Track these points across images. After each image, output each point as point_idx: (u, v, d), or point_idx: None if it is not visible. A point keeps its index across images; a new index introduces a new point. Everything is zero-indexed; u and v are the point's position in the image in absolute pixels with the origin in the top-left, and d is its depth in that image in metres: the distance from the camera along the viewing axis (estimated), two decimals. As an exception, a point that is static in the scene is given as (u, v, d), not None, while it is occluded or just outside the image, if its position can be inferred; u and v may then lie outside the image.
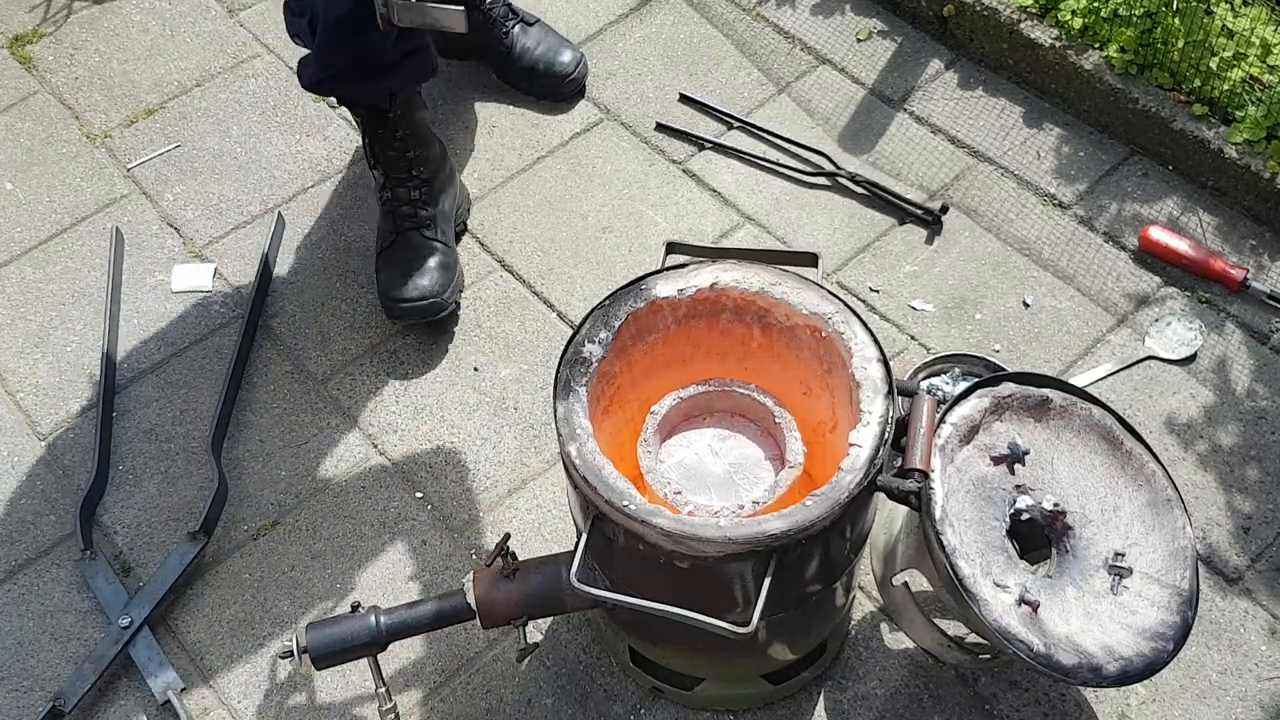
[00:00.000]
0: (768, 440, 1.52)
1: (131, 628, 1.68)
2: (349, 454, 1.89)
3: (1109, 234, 2.10)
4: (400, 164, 1.96)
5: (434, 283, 1.94)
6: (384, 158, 1.96)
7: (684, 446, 1.52)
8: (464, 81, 2.36)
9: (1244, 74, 2.09)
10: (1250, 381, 1.91)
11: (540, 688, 1.65)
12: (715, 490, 1.47)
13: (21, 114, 2.37)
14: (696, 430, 1.53)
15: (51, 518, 1.84)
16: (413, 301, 1.92)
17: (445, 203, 2.03)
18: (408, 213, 1.97)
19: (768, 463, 1.50)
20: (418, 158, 1.96)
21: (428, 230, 1.98)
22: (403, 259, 1.96)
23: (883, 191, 2.15)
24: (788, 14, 2.46)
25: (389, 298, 1.94)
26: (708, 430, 1.53)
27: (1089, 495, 1.48)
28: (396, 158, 1.95)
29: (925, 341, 1.98)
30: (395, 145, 1.95)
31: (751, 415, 1.53)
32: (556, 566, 1.46)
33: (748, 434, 1.53)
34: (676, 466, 1.49)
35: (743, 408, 1.53)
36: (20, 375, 2.00)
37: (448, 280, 1.96)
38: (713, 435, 1.53)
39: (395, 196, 1.97)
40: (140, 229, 2.18)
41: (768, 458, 1.50)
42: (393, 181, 1.97)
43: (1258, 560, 1.73)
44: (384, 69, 1.89)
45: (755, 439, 1.52)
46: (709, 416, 1.54)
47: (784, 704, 1.63)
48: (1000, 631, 1.37)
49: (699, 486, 1.47)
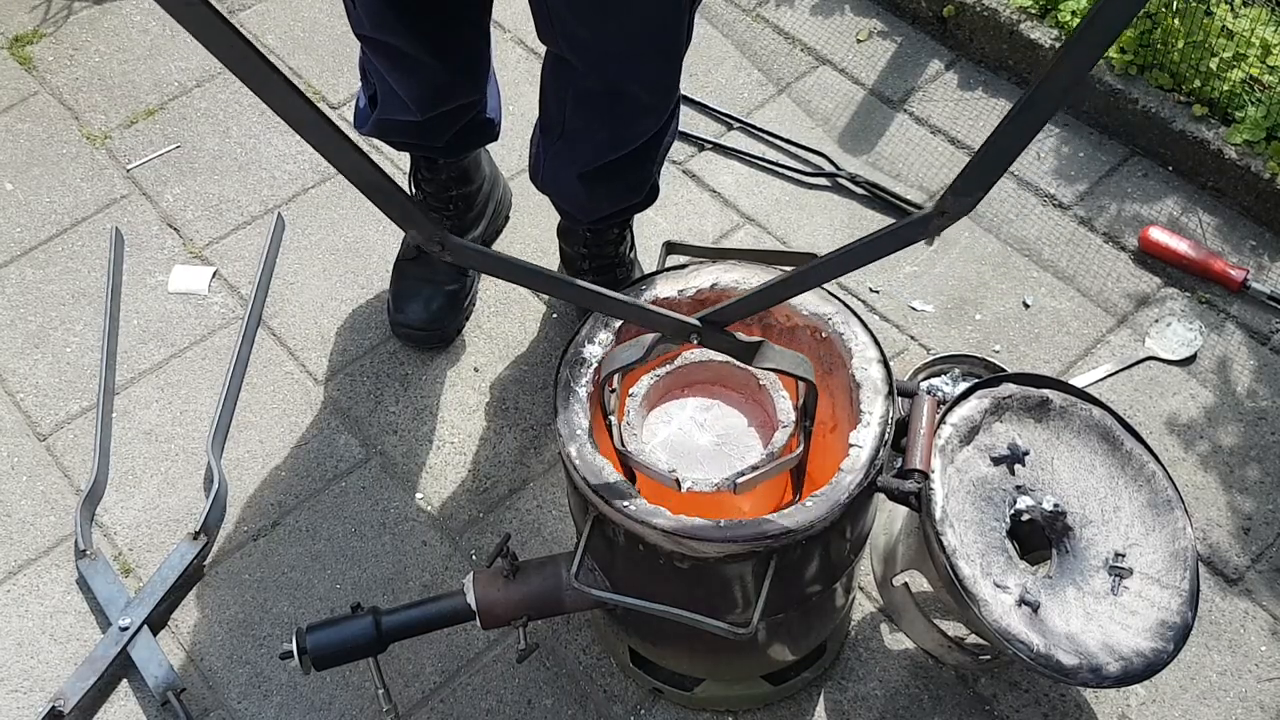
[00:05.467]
0: (753, 407, 1.44)
1: (131, 628, 1.68)
2: (349, 454, 1.89)
3: (1109, 234, 2.10)
4: (440, 195, 1.96)
5: (441, 312, 1.96)
6: (425, 185, 1.96)
7: (665, 423, 1.43)
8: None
9: (1244, 75, 2.09)
10: (1250, 382, 1.91)
11: (540, 688, 1.65)
12: (706, 464, 1.38)
13: (21, 114, 2.37)
14: (676, 404, 1.45)
15: (51, 518, 1.84)
16: (413, 328, 1.96)
17: (476, 231, 2.03)
18: None
19: (755, 430, 1.42)
20: (460, 194, 1.97)
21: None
22: (418, 277, 1.97)
23: (883, 192, 2.15)
24: (787, 14, 2.46)
25: (395, 317, 1.98)
26: (688, 402, 1.45)
27: (1089, 496, 1.48)
28: (437, 190, 1.95)
29: (925, 342, 1.98)
30: (439, 180, 1.95)
31: (732, 383, 1.45)
32: (556, 567, 1.46)
33: (730, 402, 1.45)
34: (663, 445, 1.40)
35: (722, 376, 1.45)
36: (20, 375, 2.00)
37: (455, 311, 1.98)
38: (695, 407, 1.44)
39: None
40: (140, 229, 2.18)
41: (754, 424, 1.42)
42: (429, 205, 1.97)
43: (1258, 561, 1.73)
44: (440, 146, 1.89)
45: (740, 406, 1.44)
46: (689, 388, 1.46)
47: (784, 704, 1.63)
48: (1000, 632, 1.37)
49: (689, 463, 1.38)
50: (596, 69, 1.57)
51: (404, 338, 1.99)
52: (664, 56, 1.58)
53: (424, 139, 1.83)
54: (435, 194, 1.95)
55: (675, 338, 1.24)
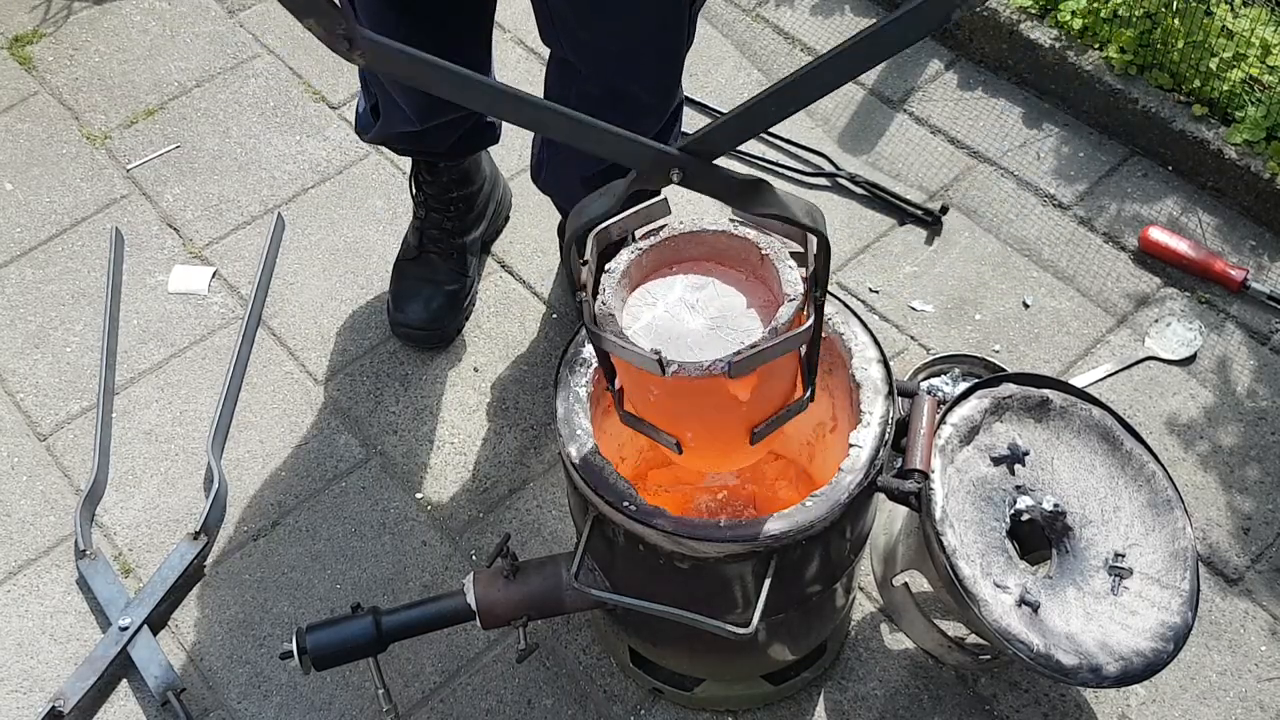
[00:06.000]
0: (754, 285, 1.20)
1: (131, 628, 1.68)
2: (349, 454, 1.89)
3: (1109, 234, 2.10)
4: (441, 197, 1.96)
5: (440, 312, 1.96)
6: (426, 186, 1.96)
7: (649, 305, 1.19)
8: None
9: (1244, 74, 2.09)
10: (1250, 382, 1.91)
11: (540, 688, 1.65)
12: (698, 351, 1.14)
13: (21, 114, 2.37)
14: (663, 284, 1.21)
15: (51, 518, 1.84)
16: (413, 328, 1.97)
17: (476, 232, 2.03)
18: (435, 236, 1.98)
19: (756, 311, 1.18)
20: (460, 196, 1.97)
21: (450, 258, 1.98)
22: (418, 277, 1.97)
23: (882, 192, 2.15)
24: (787, 14, 2.46)
25: (394, 317, 1.98)
26: (677, 281, 1.21)
27: (1089, 496, 1.48)
28: (438, 192, 1.95)
29: (925, 342, 1.98)
30: (440, 183, 1.95)
31: (730, 258, 1.22)
32: (556, 567, 1.46)
33: (728, 281, 1.21)
34: (645, 331, 1.16)
35: (718, 251, 1.21)
36: (20, 375, 2.00)
37: (455, 311, 1.98)
38: (685, 287, 1.20)
39: (428, 220, 1.97)
40: (140, 229, 2.18)
41: (755, 305, 1.18)
42: (429, 207, 1.97)
43: (1258, 561, 1.73)
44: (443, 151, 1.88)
45: (739, 285, 1.20)
46: (678, 266, 1.22)
47: (784, 704, 1.63)
48: (1000, 632, 1.37)
49: (677, 349, 1.14)
50: (598, 71, 1.57)
51: (404, 337, 1.99)
52: (665, 58, 1.58)
53: (426, 145, 1.84)
54: (436, 195, 1.95)
55: (653, 174, 1.03)
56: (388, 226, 2.16)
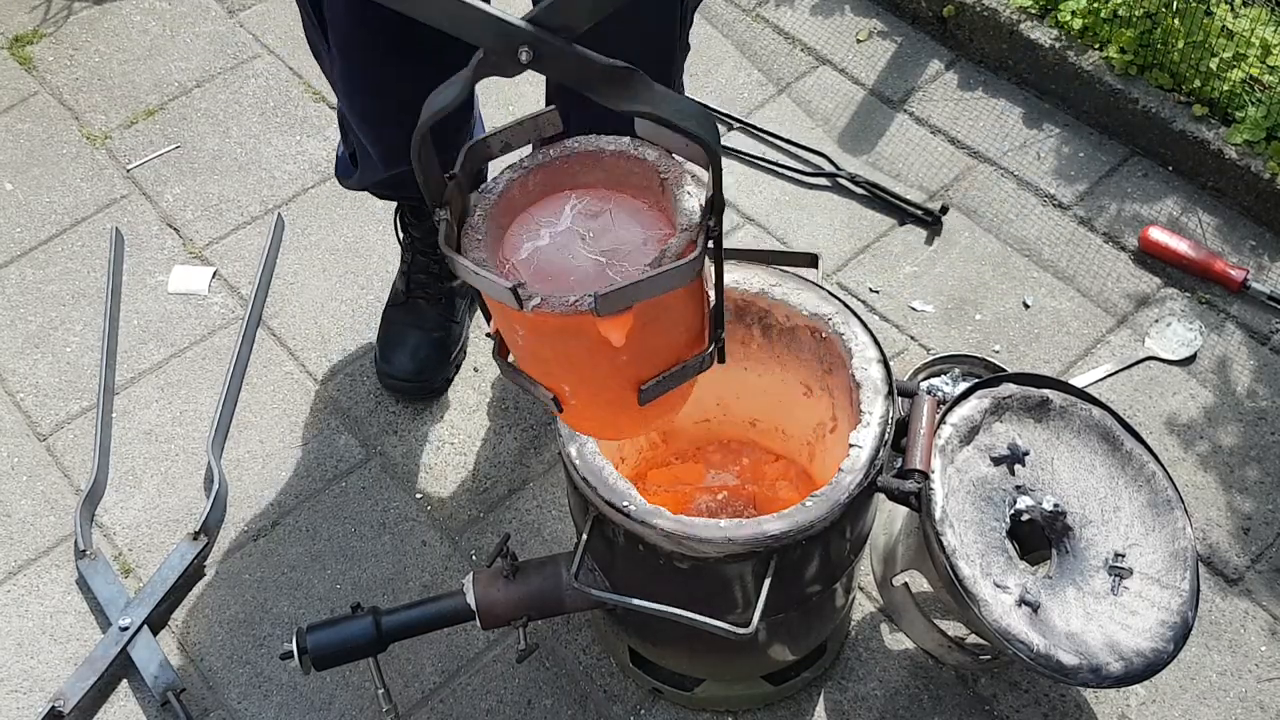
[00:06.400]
0: (656, 216, 1.03)
1: (131, 628, 1.68)
2: (349, 454, 1.89)
3: (1109, 234, 2.10)
4: (427, 240, 1.92)
5: (427, 363, 1.91)
6: (413, 229, 1.92)
7: (533, 236, 1.03)
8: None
9: (1244, 75, 2.09)
10: (1250, 382, 1.91)
11: (540, 688, 1.65)
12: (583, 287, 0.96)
13: (21, 114, 2.37)
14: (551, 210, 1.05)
15: (51, 518, 1.84)
16: (398, 379, 1.91)
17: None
18: (423, 280, 1.93)
19: (655, 245, 1.01)
20: None
21: (438, 303, 1.93)
22: (405, 323, 1.92)
23: (882, 192, 2.15)
24: (787, 14, 2.46)
25: (380, 367, 1.93)
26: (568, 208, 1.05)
27: (1089, 496, 1.48)
28: (424, 235, 1.91)
29: (925, 342, 1.98)
30: (425, 227, 1.91)
31: (631, 185, 1.04)
32: (556, 567, 1.46)
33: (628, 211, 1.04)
34: (526, 264, 1.01)
35: (618, 176, 1.04)
36: (20, 375, 2.00)
37: (443, 361, 1.93)
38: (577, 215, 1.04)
39: (415, 264, 1.93)
40: (140, 230, 2.18)
41: (654, 239, 1.01)
42: (416, 250, 1.93)
43: (1258, 561, 1.73)
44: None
45: (639, 216, 1.03)
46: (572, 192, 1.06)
47: (784, 704, 1.63)
48: (1000, 632, 1.37)
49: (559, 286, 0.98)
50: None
51: (390, 389, 1.94)
52: (659, 66, 1.58)
53: (408, 191, 1.80)
54: (423, 239, 1.91)
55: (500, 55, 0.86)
56: (388, 227, 2.15)
